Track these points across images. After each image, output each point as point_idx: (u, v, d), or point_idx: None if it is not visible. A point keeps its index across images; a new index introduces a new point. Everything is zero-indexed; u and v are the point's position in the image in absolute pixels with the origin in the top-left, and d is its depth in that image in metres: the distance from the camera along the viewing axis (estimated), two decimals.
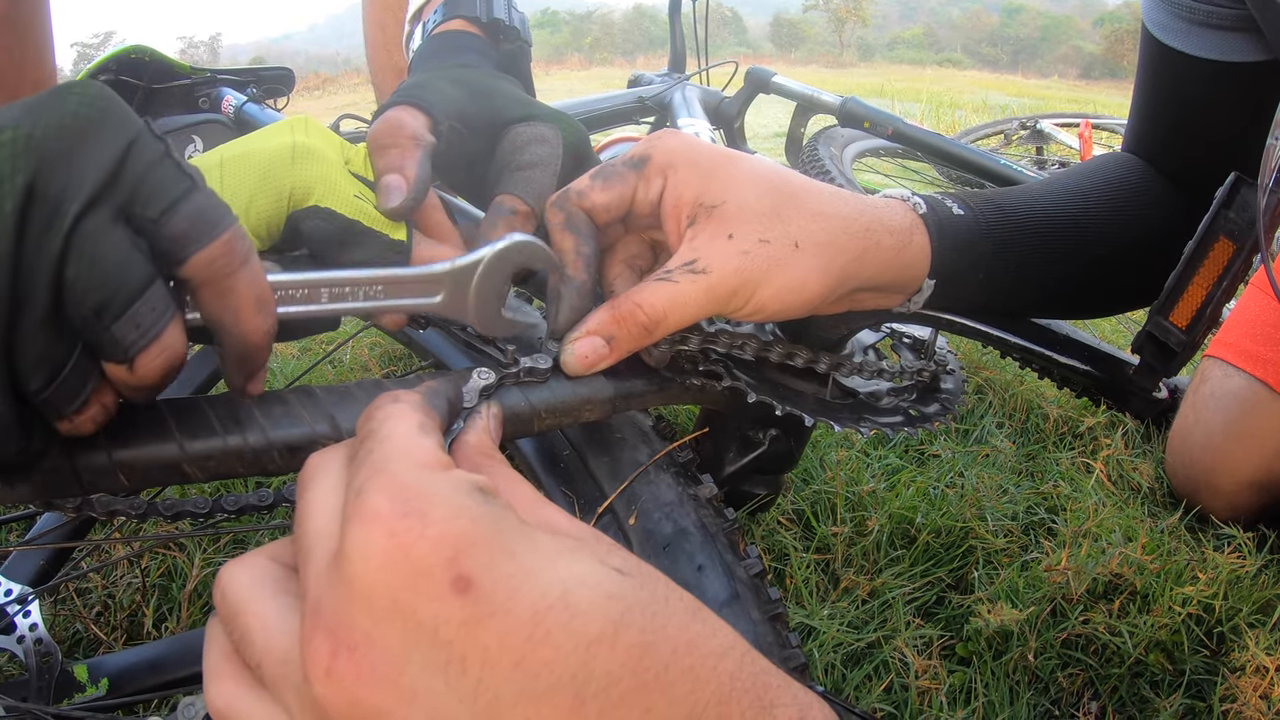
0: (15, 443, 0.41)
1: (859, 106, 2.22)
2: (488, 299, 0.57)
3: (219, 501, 0.56)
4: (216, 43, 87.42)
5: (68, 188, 0.37)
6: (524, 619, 0.32)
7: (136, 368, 0.42)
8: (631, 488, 0.63)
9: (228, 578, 0.38)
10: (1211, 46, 0.79)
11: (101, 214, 0.38)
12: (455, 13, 0.88)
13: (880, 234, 0.63)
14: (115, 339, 0.40)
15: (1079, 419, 1.52)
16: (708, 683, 0.34)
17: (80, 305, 0.38)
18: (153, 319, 0.41)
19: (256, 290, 0.45)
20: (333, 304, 0.52)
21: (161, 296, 0.41)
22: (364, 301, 0.53)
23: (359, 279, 0.53)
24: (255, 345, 0.47)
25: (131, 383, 0.43)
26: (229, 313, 0.45)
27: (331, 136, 0.60)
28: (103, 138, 0.39)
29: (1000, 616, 0.99)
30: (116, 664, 0.75)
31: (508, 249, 0.56)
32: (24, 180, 0.36)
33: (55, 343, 0.39)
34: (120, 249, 0.39)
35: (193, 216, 0.41)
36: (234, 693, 0.35)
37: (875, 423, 0.69)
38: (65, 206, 0.37)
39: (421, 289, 0.55)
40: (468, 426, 0.48)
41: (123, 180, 0.39)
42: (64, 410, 0.42)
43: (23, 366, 0.38)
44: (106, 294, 0.39)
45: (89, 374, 0.42)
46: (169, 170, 0.41)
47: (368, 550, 0.32)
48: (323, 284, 0.51)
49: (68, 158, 0.37)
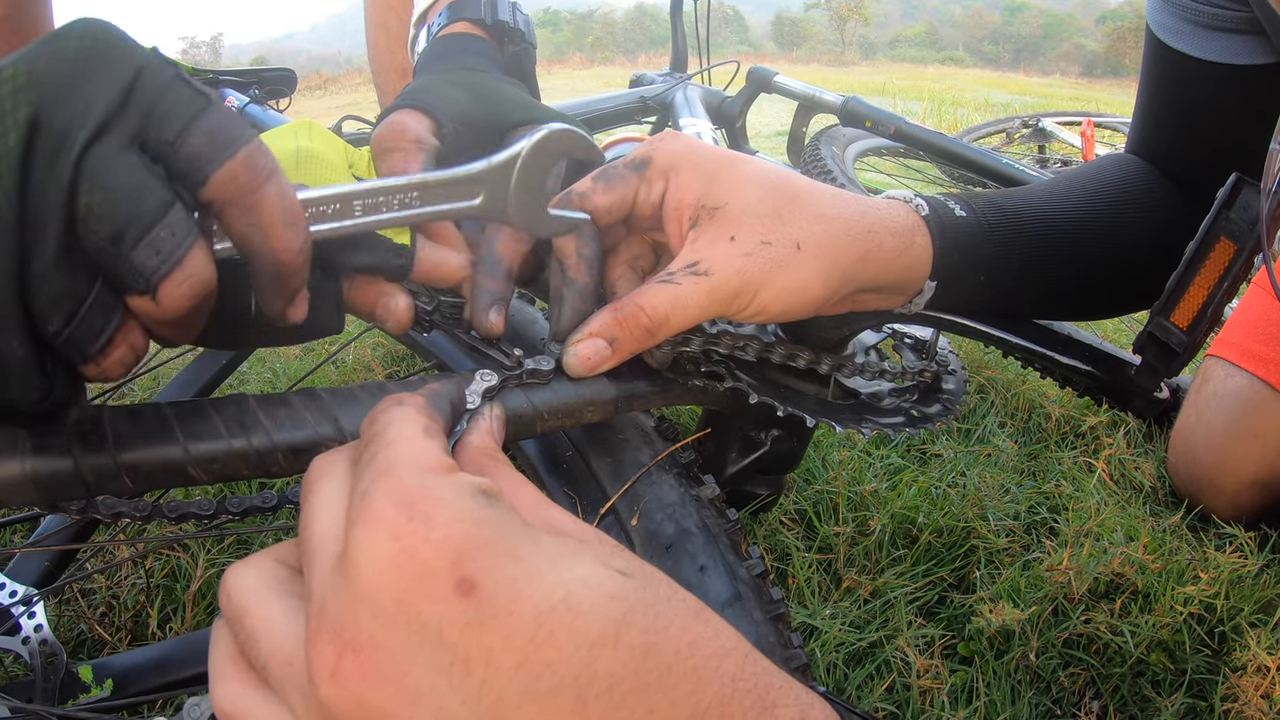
0: (36, 389, 0.39)
1: (861, 106, 2.22)
2: (530, 195, 0.55)
3: (223, 503, 0.56)
4: (218, 43, 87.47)
5: (73, 117, 0.36)
6: (527, 620, 0.32)
7: (161, 297, 0.40)
8: (634, 488, 0.63)
9: (233, 579, 0.38)
10: (1216, 49, 0.79)
11: (111, 141, 0.37)
12: (460, 15, 0.89)
13: (882, 236, 0.63)
14: (135, 267, 0.39)
15: (1081, 418, 1.52)
16: (710, 683, 0.35)
17: (95, 234, 0.37)
18: (174, 243, 0.39)
19: (284, 204, 0.43)
20: (367, 216, 0.51)
21: (182, 219, 0.39)
22: (400, 211, 0.52)
23: (393, 187, 0.51)
24: (289, 264, 0.45)
25: (158, 315, 0.41)
26: (257, 231, 0.43)
27: (335, 141, 0.60)
28: (107, 67, 0.38)
29: (1002, 616, 0.99)
30: (121, 664, 0.75)
31: (547, 137, 0.55)
32: (27, 113, 0.35)
33: (72, 277, 0.38)
34: (134, 174, 0.38)
35: (209, 133, 0.40)
36: (240, 693, 0.36)
37: (877, 423, 0.69)
38: (72, 136, 0.36)
39: (459, 192, 0.54)
40: (471, 428, 0.48)
41: (132, 106, 0.38)
42: (88, 351, 0.40)
43: (40, 305, 0.37)
44: (122, 220, 0.38)
45: (111, 309, 0.40)
46: (181, 91, 0.40)
47: (373, 553, 0.32)
48: (355, 196, 0.50)
49: (72, 89, 0.37)
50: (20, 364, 0.38)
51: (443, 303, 0.62)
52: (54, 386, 0.40)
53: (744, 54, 35.06)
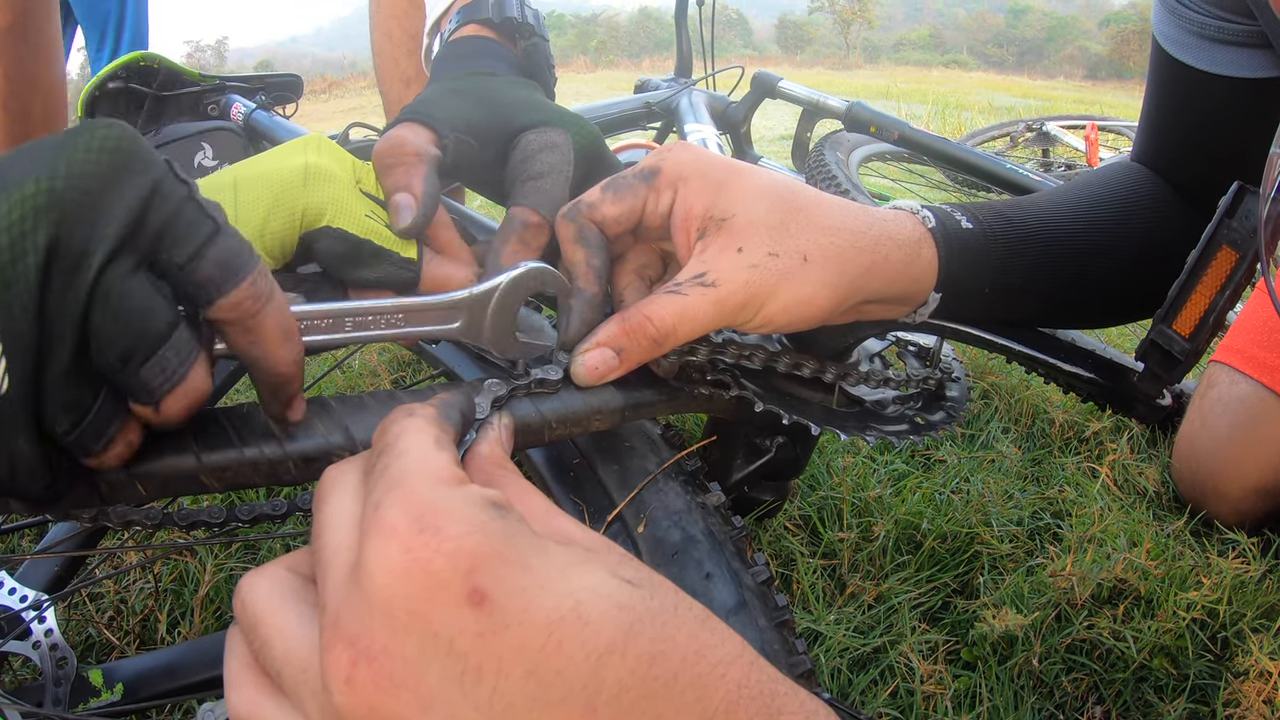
0: (42, 482, 0.41)
1: (865, 111, 2.23)
2: (503, 324, 0.58)
3: (233, 511, 0.57)
4: (223, 46, 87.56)
5: (91, 240, 0.37)
6: (537, 630, 0.32)
7: (162, 409, 0.43)
8: (640, 496, 0.64)
9: (247, 588, 0.39)
10: (1223, 62, 0.79)
11: (125, 263, 0.39)
12: (469, 18, 0.89)
13: (888, 248, 0.63)
14: (141, 383, 0.41)
15: (1084, 424, 1.52)
16: (716, 690, 0.35)
17: (106, 354, 0.39)
18: (177, 363, 0.42)
19: (282, 324, 0.46)
20: (356, 332, 0.54)
21: (185, 340, 0.42)
22: (385, 329, 0.55)
23: (381, 308, 0.54)
24: (285, 374, 0.48)
25: (157, 421, 0.44)
26: (256, 347, 0.45)
27: (344, 156, 0.60)
28: (125, 185, 0.39)
29: (1005, 621, 1.00)
30: (131, 669, 0.75)
31: (522, 276, 0.58)
32: (47, 237, 0.36)
33: (82, 389, 0.40)
34: (144, 297, 0.40)
35: (219, 262, 0.42)
36: (255, 699, 0.36)
37: (881, 431, 0.70)
38: (89, 259, 0.37)
39: (440, 316, 0.57)
40: (480, 437, 0.49)
41: (146, 227, 0.40)
42: (91, 450, 0.42)
43: (50, 411, 0.39)
44: (131, 342, 0.40)
45: (115, 415, 0.42)
46: (193, 214, 0.41)
47: (386, 564, 0.32)
48: (346, 314, 0.53)
49: (90, 210, 0.38)
50: (28, 461, 0.40)
51: None
52: (57, 478, 0.43)
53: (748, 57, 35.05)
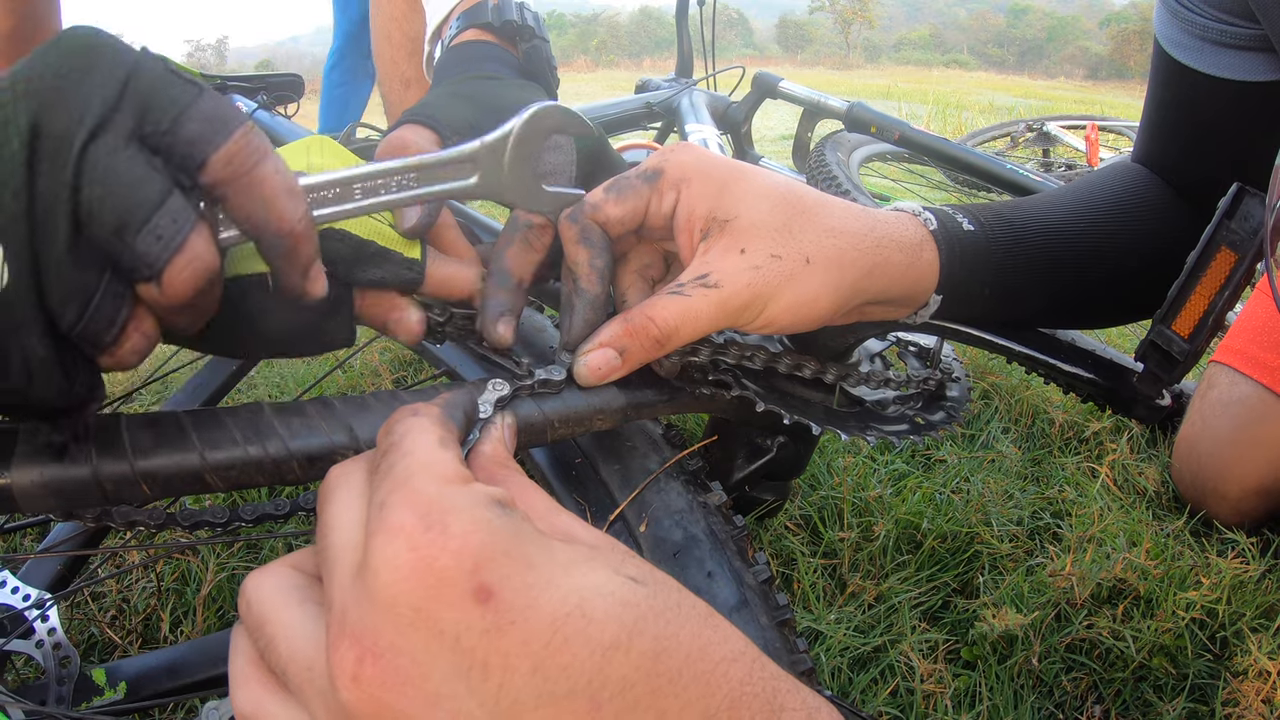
0: (56, 384, 0.41)
1: (865, 112, 2.23)
2: (524, 172, 0.56)
3: (236, 511, 0.57)
4: (224, 46, 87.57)
5: (71, 119, 0.38)
6: (542, 627, 0.33)
7: (166, 282, 0.41)
8: (642, 495, 0.64)
9: (252, 587, 0.39)
10: (1226, 65, 0.79)
11: (109, 138, 0.39)
12: (469, 23, 0.90)
13: (890, 250, 0.63)
14: (139, 255, 0.40)
15: (1084, 424, 1.53)
16: (719, 687, 0.36)
17: (100, 227, 0.39)
18: (174, 229, 0.41)
19: (283, 178, 0.45)
20: (367, 199, 0.52)
21: (181, 206, 0.41)
22: (399, 192, 0.53)
23: (390, 169, 0.52)
24: (296, 234, 0.46)
25: (165, 301, 0.42)
26: (259, 206, 0.44)
27: (347, 156, 0.60)
28: (101, 68, 0.40)
29: (1005, 621, 1.00)
30: (134, 668, 0.75)
31: (536, 114, 0.56)
32: (27, 120, 0.37)
33: (83, 270, 0.39)
34: (132, 166, 0.40)
35: (204, 119, 0.41)
36: (261, 697, 0.36)
37: (881, 431, 0.70)
38: (71, 136, 0.38)
39: (455, 171, 0.55)
40: (483, 437, 0.49)
41: (127, 102, 0.40)
42: (102, 340, 0.41)
43: (55, 300, 0.39)
44: (123, 211, 0.39)
45: (122, 298, 0.41)
46: (174, 83, 0.41)
47: (392, 562, 0.33)
48: (354, 180, 0.51)
49: (68, 92, 0.38)
50: (42, 361, 0.39)
51: (455, 314, 0.63)
52: (74, 382, 0.42)
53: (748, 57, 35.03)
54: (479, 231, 0.82)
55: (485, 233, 0.84)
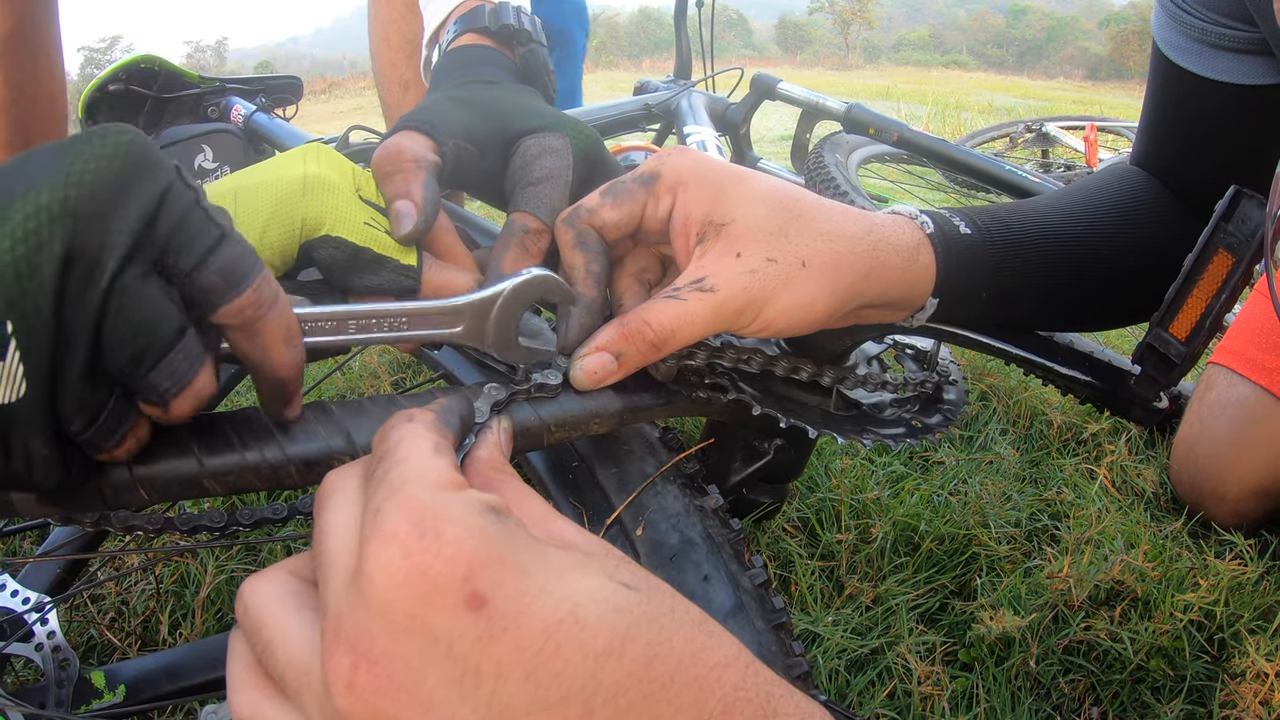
0: (56, 478, 0.42)
1: (864, 113, 2.23)
2: (505, 329, 0.59)
3: (234, 515, 0.57)
4: (223, 47, 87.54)
5: (105, 246, 0.38)
6: (535, 633, 0.33)
7: (171, 410, 0.43)
8: (639, 499, 0.64)
9: (250, 592, 0.39)
10: (1224, 69, 0.80)
11: (137, 268, 0.40)
12: (467, 27, 0.90)
13: (887, 253, 0.63)
14: (151, 386, 0.42)
15: (1082, 425, 1.53)
16: (712, 693, 0.36)
17: (118, 357, 0.40)
18: (186, 366, 0.43)
19: (284, 328, 0.47)
20: (359, 335, 0.54)
21: (194, 345, 0.43)
22: (388, 332, 0.55)
23: (384, 312, 0.55)
24: (287, 378, 0.49)
25: (165, 420, 0.45)
26: (259, 350, 0.47)
27: (344, 164, 0.61)
28: (136, 191, 0.40)
29: (1002, 623, 1.00)
30: (133, 670, 0.75)
31: (525, 284, 0.58)
32: (63, 246, 0.37)
33: (96, 391, 0.41)
34: (154, 303, 0.41)
35: (223, 270, 0.43)
36: (258, 702, 0.37)
37: (878, 434, 0.70)
38: (103, 266, 0.38)
39: (443, 320, 0.57)
40: (479, 442, 0.49)
41: (157, 234, 0.41)
42: (103, 447, 0.43)
43: (65, 411, 0.40)
44: (142, 346, 0.40)
45: (126, 414, 0.43)
46: (199, 221, 0.42)
47: (387, 569, 0.33)
48: (349, 317, 0.53)
49: (104, 216, 0.38)
50: (45, 460, 0.41)
51: None
52: (71, 472, 0.43)
53: (748, 58, 35.02)
54: (476, 235, 0.82)
55: (482, 235, 0.84)
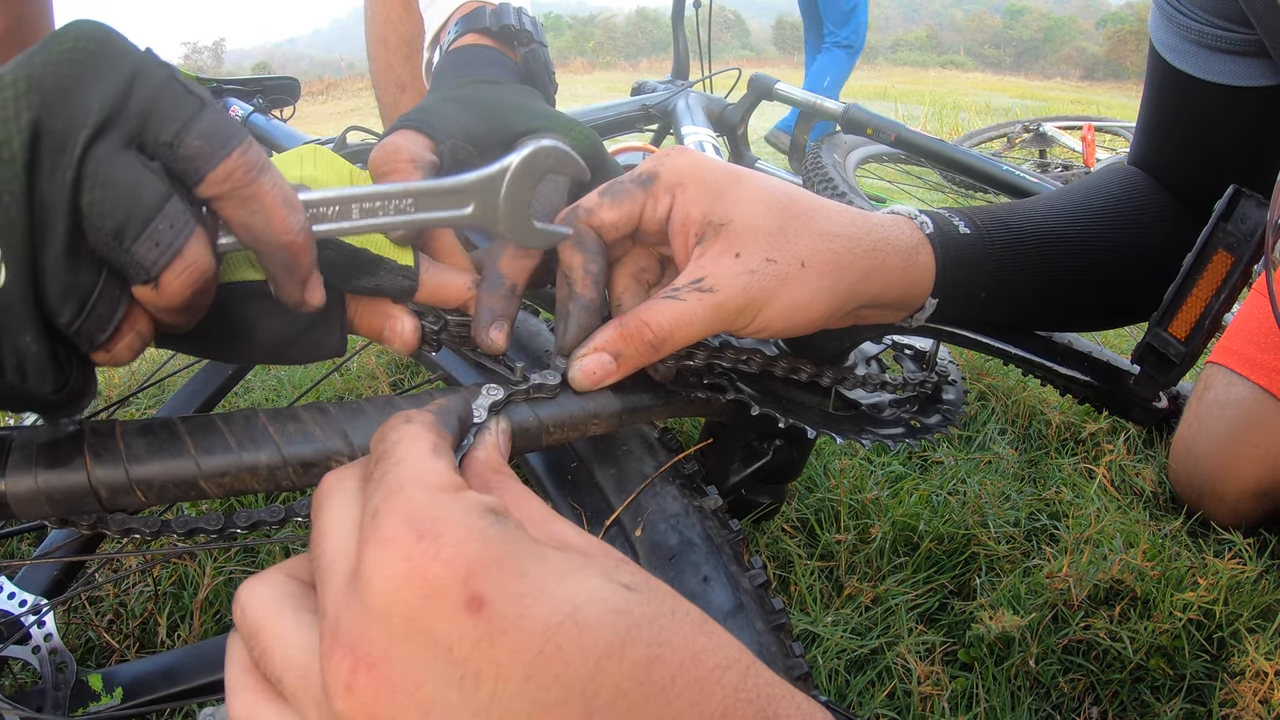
0: (51, 380, 0.41)
1: (862, 113, 2.23)
2: (518, 207, 0.57)
3: (231, 518, 0.57)
4: (220, 48, 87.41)
5: (74, 120, 0.38)
6: (535, 635, 0.33)
7: (162, 286, 0.42)
8: (638, 500, 0.64)
9: (247, 594, 0.39)
10: (1221, 71, 0.80)
11: (110, 141, 0.39)
12: (468, 28, 0.90)
13: (886, 253, 0.63)
14: (137, 259, 0.41)
15: (1081, 425, 1.53)
16: (713, 694, 0.36)
17: (98, 230, 0.39)
18: (171, 235, 0.41)
19: (281, 191, 0.46)
20: (364, 219, 0.52)
21: (179, 212, 0.42)
22: (395, 215, 0.54)
23: (388, 192, 0.53)
24: (294, 245, 0.47)
25: (161, 303, 0.43)
26: (258, 218, 0.45)
27: (340, 166, 0.60)
28: (104, 70, 0.40)
29: (1002, 623, 1.00)
30: (131, 673, 0.75)
31: (535, 153, 0.56)
32: (29, 118, 0.37)
33: (80, 271, 0.40)
34: (132, 171, 0.40)
35: (205, 135, 0.42)
36: (256, 705, 0.36)
37: (877, 434, 0.70)
38: (73, 138, 0.38)
39: (451, 200, 0.55)
40: (477, 443, 0.49)
41: (130, 108, 0.40)
42: (97, 339, 0.42)
43: (51, 299, 0.39)
44: (122, 215, 0.40)
45: (118, 299, 0.42)
46: (176, 92, 0.42)
47: (385, 572, 0.33)
48: (353, 199, 0.52)
49: (71, 93, 0.38)
50: (36, 358, 0.40)
51: (450, 322, 0.62)
52: (69, 376, 0.42)
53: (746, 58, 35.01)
54: (473, 236, 0.82)
55: (478, 236, 0.83)
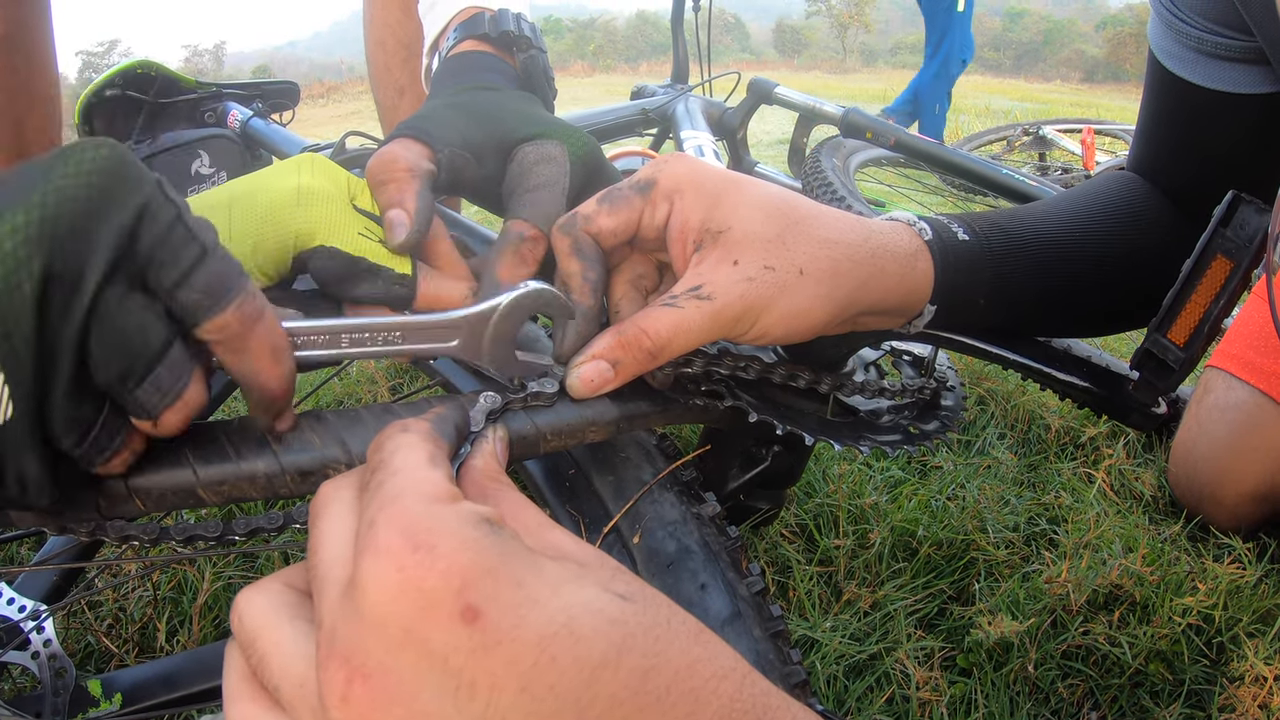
0: (49, 497, 0.42)
1: (861, 117, 2.23)
2: (502, 343, 0.58)
3: (230, 525, 0.57)
4: (221, 51, 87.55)
5: (84, 264, 0.38)
6: (530, 646, 0.33)
7: (161, 423, 0.44)
8: (636, 506, 0.64)
9: (244, 603, 0.39)
10: (1220, 78, 0.80)
11: (118, 284, 0.40)
12: (467, 34, 0.90)
13: (885, 260, 0.63)
14: (139, 401, 0.42)
15: (1081, 429, 1.53)
16: (708, 704, 0.35)
17: (104, 374, 0.40)
18: (172, 379, 0.43)
19: (272, 343, 0.47)
20: (351, 349, 0.54)
21: (180, 358, 0.43)
22: (382, 346, 0.55)
23: (378, 326, 0.54)
24: (276, 392, 0.49)
25: (157, 433, 0.45)
26: (246, 366, 0.46)
27: (338, 174, 0.60)
28: (115, 207, 0.39)
29: (1001, 628, 1.00)
30: (130, 679, 0.76)
31: (522, 298, 0.57)
32: (41, 265, 0.37)
33: (84, 407, 0.41)
34: (138, 317, 0.41)
35: (205, 287, 0.43)
36: (254, 713, 0.36)
37: (875, 440, 0.70)
38: (84, 284, 0.38)
39: (438, 334, 0.56)
40: (475, 451, 0.49)
41: (138, 249, 0.40)
42: (95, 463, 0.43)
43: (55, 429, 0.40)
44: (128, 362, 0.41)
45: (118, 428, 0.43)
46: (181, 236, 0.42)
47: (381, 583, 0.33)
48: (343, 330, 0.53)
49: (83, 235, 0.38)
50: (35, 477, 0.41)
51: None
52: (65, 490, 0.44)
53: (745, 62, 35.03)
54: (472, 242, 0.82)
55: (479, 242, 0.84)
